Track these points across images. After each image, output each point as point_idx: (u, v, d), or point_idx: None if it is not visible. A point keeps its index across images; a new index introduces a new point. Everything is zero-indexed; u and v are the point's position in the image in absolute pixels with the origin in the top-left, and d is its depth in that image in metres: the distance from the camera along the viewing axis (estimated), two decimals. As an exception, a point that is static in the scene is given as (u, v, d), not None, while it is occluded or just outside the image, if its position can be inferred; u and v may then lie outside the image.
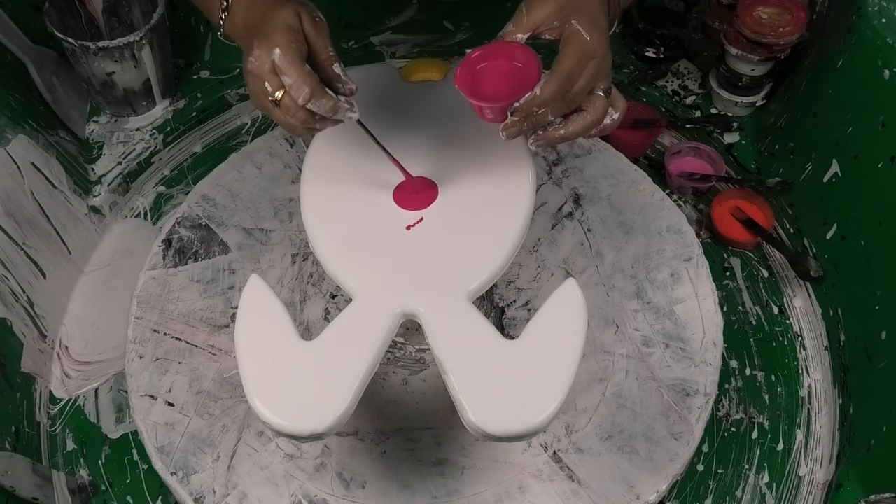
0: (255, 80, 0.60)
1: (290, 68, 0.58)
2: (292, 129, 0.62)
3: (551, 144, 0.65)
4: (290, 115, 0.60)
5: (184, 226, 0.91)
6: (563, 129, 0.64)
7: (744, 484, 0.85)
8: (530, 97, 0.60)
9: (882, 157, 0.85)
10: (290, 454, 0.77)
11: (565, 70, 0.60)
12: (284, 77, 0.59)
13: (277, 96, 0.59)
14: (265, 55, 0.59)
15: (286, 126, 0.62)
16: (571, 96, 0.61)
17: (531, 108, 0.61)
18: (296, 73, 0.58)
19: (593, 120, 0.63)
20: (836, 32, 0.94)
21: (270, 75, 0.59)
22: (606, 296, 0.86)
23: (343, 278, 0.67)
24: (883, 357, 0.84)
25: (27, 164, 0.93)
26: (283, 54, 0.58)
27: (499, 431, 0.59)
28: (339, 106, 0.61)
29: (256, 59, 0.59)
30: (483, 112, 0.64)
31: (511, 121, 0.62)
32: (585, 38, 0.60)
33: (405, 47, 1.20)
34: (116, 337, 0.91)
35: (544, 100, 0.60)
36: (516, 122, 0.62)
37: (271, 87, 0.59)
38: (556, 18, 0.61)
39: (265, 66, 0.59)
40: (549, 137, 0.64)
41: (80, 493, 0.84)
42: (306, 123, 0.61)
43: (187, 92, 1.14)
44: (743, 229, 1.00)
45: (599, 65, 0.61)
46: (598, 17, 0.62)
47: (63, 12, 1.03)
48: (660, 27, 1.16)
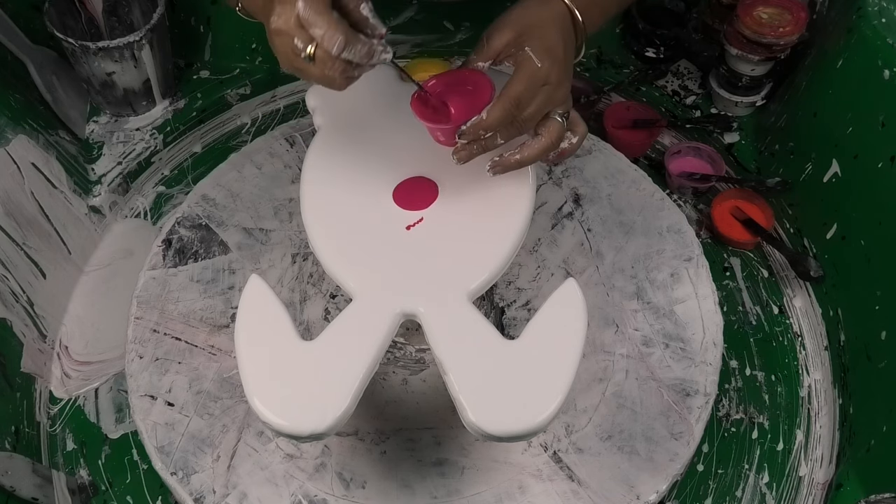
0: (283, 38, 0.57)
1: (317, 18, 0.54)
2: (331, 83, 0.58)
3: (508, 170, 0.66)
4: (327, 68, 0.56)
5: (184, 226, 0.91)
6: (518, 154, 0.65)
7: (744, 484, 0.85)
8: (476, 120, 0.61)
9: (882, 157, 0.85)
10: (290, 454, 0.77)
11: (513, 95, 0.61)
12: (314, 28, 0.55)
13: (310, 51, 0.56)
14: (289, 10, 0.55)
15: (323, 80, 0.58)
16: (521, 121, 0.62)
17: (478, 132, 0.62)
18: (325, 23, 0.54)
19: (547, 144, 0.64)
20: (836, 32, 0.94)
21: (299, 30, 0.55)
22: (606, 296, 0.86)
23: (343, 278, 0.67)
24: (883, 357, 0.84)
25: (27, 164, 0.93)
26: (307, 4, 0.54)
27: (499, 431, 0.59)
28: (374, 49, 0.57)
29: (280, 16, 0.56)
30: (435, 134, 0.65)
31: (460, 144, 0.63)
32: (537, 65, 0.61)
33: (405, 47, 1.20)
34: (116, 337, 0.91)
35: (490, 123, 0.61)
36: (465, 145, 0.63)
37: (301, 43, 0.56)
38: (513, 46, 0.63)
39: (291, 22, 0.55)
40: (504, 163, 0.65)
41: (80, 493, 0.84)
42: (345, 73, 0.57)
43: (187, 92, 1.14)
44: (743, 229, 1.00)
45: (553, 91, 0.62)
46: (554, 45, 0.62)
47: (63, 12, 1.03)
48: (660, 27, 1.16)
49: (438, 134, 0.65)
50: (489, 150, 0.64)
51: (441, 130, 0.64)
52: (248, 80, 1.16)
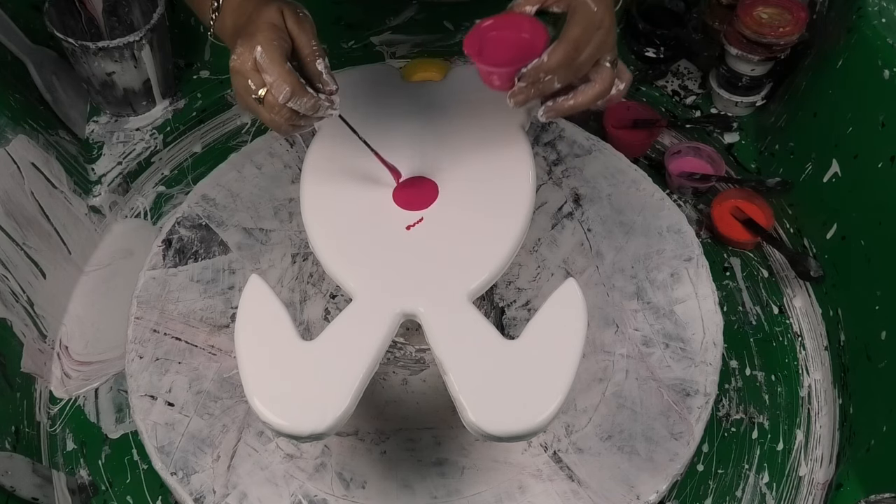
0: (239, 77, 0.60)
1: (270, 66, 0.59)
2: (277, 127, 0.62)
3: (561, 115, 0.66)
4: (274, 112, 0.60)
5: (184, 226, 0.91)
6: (571, 99, 0.65)
7: (744, 484, 0.85)
8: (538, 63, 0.61)
9: (882, 157, 0.85)
10: (290, 454, 0.77)
11: (573, 38, 0.61)
12: (266, 75, 0.59)
13: (261, 94, 0.60)
14: (248, 53, 0.59)
15: (270, 124, 0.62)
16: (578, 65, 0.62)
17: (538, 75, 0.62)
18: (276, 72, 0.58)
19: (601, 90, 0.64)
20: (836, 32, 0.94)
21: (253, 73, 0.59)
22: (606, 296, 0.86)
23: (343, 278, 0.67)
24: (883, 357, 0.84)
25: (27, 164, 0.93)
26: (264, 52, 0.58)
27: (499, 431, 0.59)
28: (319, 104, 0.61)
29: (239, 57, 0.59)
30: (490, 78, 0.64)
31: (518, 87, 0.63)
32: (592, 9, 0.61)
33: (405, 47, 1.20)
34: (116, 337, 0.91)
35: (551, 66, 0.61)
36: (523, 88, 0.63)
37: (254, 85, 0.60)
38: None
39: (248, 64, 0.59)
40: (558, 108, 0.65)
41: (80, 493, 0.84)
42: (290, 121, 0.61)
43: (187, 92, 1.14)
44: (743, 229, 1.00)
45: (605, 36, 0.62)
46: None
47: (63, 12, 1.03)
48: (660, 27, 1.16)
49: (494, 78, 0.64)
50: (545, 94, 0.64)
51: (498, 74, 0.64)
52: (248, 80, 1.16)
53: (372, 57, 1.18)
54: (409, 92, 0.81)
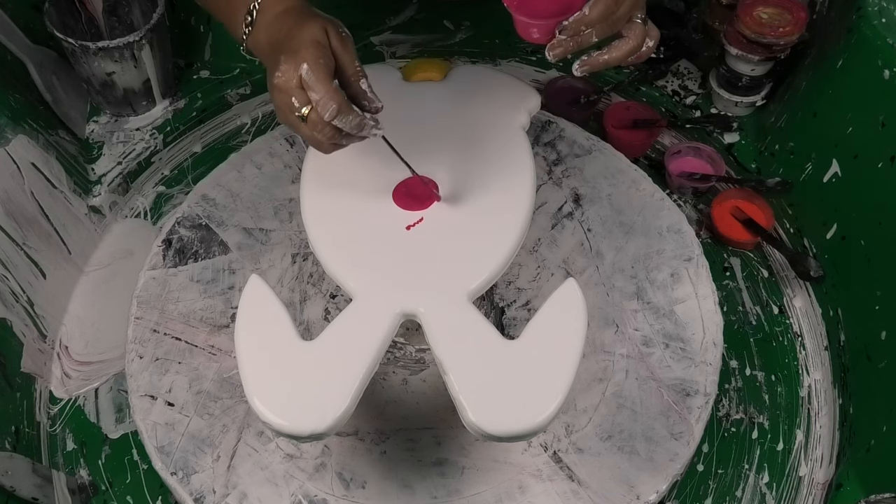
0: (282, 95, 0.60)
1: (317, 84, 0.58)
2: (318, 145, 0.62)
3: (595, 70, 0.67)
4: (317, 131, 0.60)
5: (184, 226, 0.91)
6: (606, 54, 0.66)
7: (744, 484, 0.85)
8: (579, 16, 0.63)
9: (882, 157, 0.85)
10: (290, 454, 0.77)
11: None
12: (311, 93, 0.59)
13: (304, 112, 0.59)
14: (293, 70, 0.59)
15: (312, 141, 0.62)
16: (616, 19, 0.64)
17: (579, 28, 0.63)
18: (323, 89, 0.58)
19: (634, 46, 0.66)
20: (836, 32, 0.94)
21: (298, 91, 0.59)
22: (606, 296, 0.86)
23: (343, 278, 0.67)
24: (883, 357, 0.84)
25: (27, 164, 0.93)
26: (310, 70, 0.58)
27: (499, 431, 0.59)
28: (364, 123, 0.61)
29: (284, 74, 0.59)
30: (529, 30, 0.65)
31: (558, 40, 0.64)
32: None
33: (405, 47, 1.20)
34: (116, 337, 0.91)
35: (592, 19, 0.63)
36: (563, 41, 0.64)
37: (298, 103, 0.59)
38: None
39: (292, 82, 0.59)
40: (593, 62, 0.66)
41: (80, 493, 0.84)
42: (332, 139, 0.61)
43: (187, 92, 1.14)
44: (743, 229, 1.00)
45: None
46: None
47: (63, 12, 1.03)
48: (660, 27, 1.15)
49: (534, 30, 0.65)
50: (583, 47, 0.65)
51: (538, 26, 0.64)
52: (248, 80, 1.16)
53: (372, 57, 1.18)
54: (409, 92, 0.81)
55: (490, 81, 0.84)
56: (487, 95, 0.81)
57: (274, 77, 0.60)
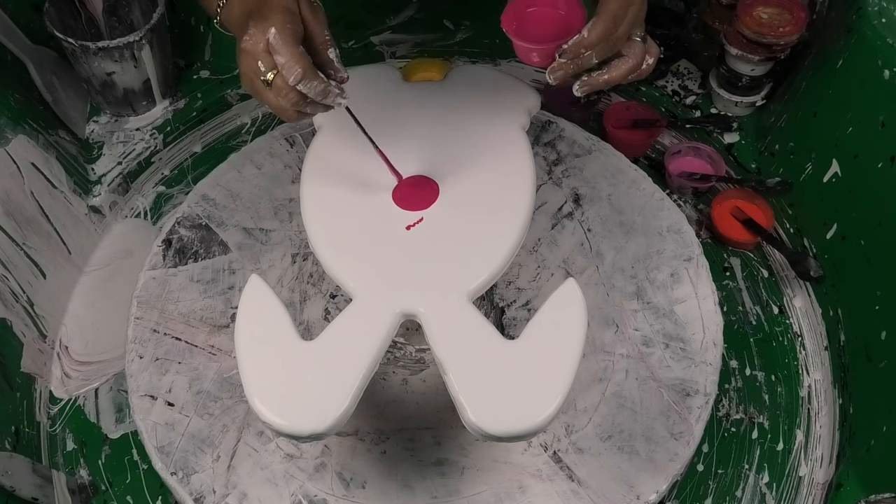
0: (248, 58, 0.60)
1: (283, 48, 0.58)
2: (282, 112, 0.62)
3: (595, 89, 0.67)
4: (282, 96, 0.60)
5: (184, 226, 0.91)
6: (606, 74, 0.66)
7: (744, 484, 0.85)
8: (579, 39, 0.63)
9: (882, 157, 0.85)
10: (290, 454, 0.77)
11: (611, 13, 0.62)
12: (277, 56, 0.59)
13: (269, 77, 0.60)
14: (260, 34, 0.59)
15: (276, 108, 0.62)
16: (615, 39, 0.63)
17: (579, 50, 0.63)
18: (289, 53, 0.58)
19: (634, 64, 0.66)
20: (836, 32, 0.94)
21: (264, 54, 0.59)
22: (606, 296, 0.86)
23: (343, 278, 0.67)
24: (883, 357, 0.84)
25: (27, 164, 0.93)
26: (277, 33, 0.58)
27: (499, 431, 0.59)
28: (329, 90, 0.61)
29: (251, 38, 0.59)
30: (529, 55, 0.66)
31: (558, 63, 0.64)
32: None
33: (405, 47, 1.20)
34: (116, 337, 0.91)
35: (592, 41, 0.62)
36: (563, 64, 0.64)
37: (264, 67, 0.59)
38: None
39: (259, 45, 0.59)
40: (593, 83, 0.66)
41: (80, 493, 0.84)
42: (297, 105, 0.61)
43: (187, 92, 1.14)
44: (743, 229, 1.00)
45: (639, 10, 0.64)
46: None
47: (63, 12, 1.03)
48: (660, 27, 1.16)
49: (534, 55, 0.65)
50: (583, 69, 0.65)
51: (538, 51, 0.65)
52: (248, 80, 1.16)
53: (372, 57, 1.18)
54: (409, 92, 0.81)
55: (490, 81, 0.84)
56: (487, 95, 0.81)
57: (241, 41, 0.60)
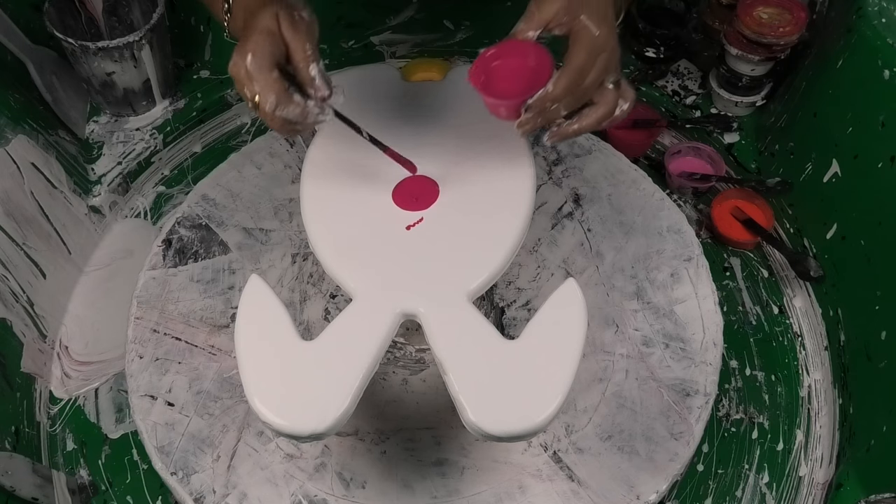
0: (237, 84, 0.60)
1: (258, 74, 0.58)
2: (277, 130, 0.62)
3: (566, 139, 0.66)
4: (267, 119, 0.60)
5: (184, 226, 0.91)
6: (576, 123, 0.65)
7: (744, 484, 0.85)
8: (543, 93, 0.62)
9: (882, 157, 0.85)
10: (290, 454, 0.77)
11: (577, 65, 0.61)
12: (254, 84, 0.59)
13: (257, 100, 0.59)
14: (241, 60, 0.59)
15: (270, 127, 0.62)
16: (583, 91, 0.62)
17: (544, 104, 0.62)
18: (262, 80, 0.58)
19: (605, 113, 0.65)
20: (836, 32, 0.94)
21: (247, 80, 0.59)
22: (606, 296, 0.86)
23: (343, 278, 0.67)
24: (883, 357, 0.84)
25: (27, 164, 0.93)
26: (253, 60, 0.58)
27: (499, 431, 0.58)
28: (307, 112, 0.60)
29: (235, 65, 0.59)
30: (497, 109, 0.65)
31: (525, 117, 0.63)
32: (594, 33, 0.61)
33: (405, 47, 1.20)
34: (116, 337, 0.91)
35: (557, 95, 0.62)
36: (530, 118, 0.63)
37: (248, 92, 0.59)
38: (566, 14, 0.62)
39: (241, 72, 0.59)
40: (563, 133, 0.66)
41: (80, 493, 0.84)
42: (284, 127, 0.61)
43: (187, 92, 1.14)
44: (743, 229, 1.00)
45: (609, 58, 0.62)
46: (606, 11, 0.63)
47: (63, 12, 1.03)
48: (660, 27, 1.16)
49: (501, 109, 0.65)
50: (551, 122, 0.65)
51: (505, 105, 0.64)
52: (248, 80, 1.16)
53: (372, 57, 1.18)
54: (409, 92, 0.81)
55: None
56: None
57: (229, 67, 0.60)
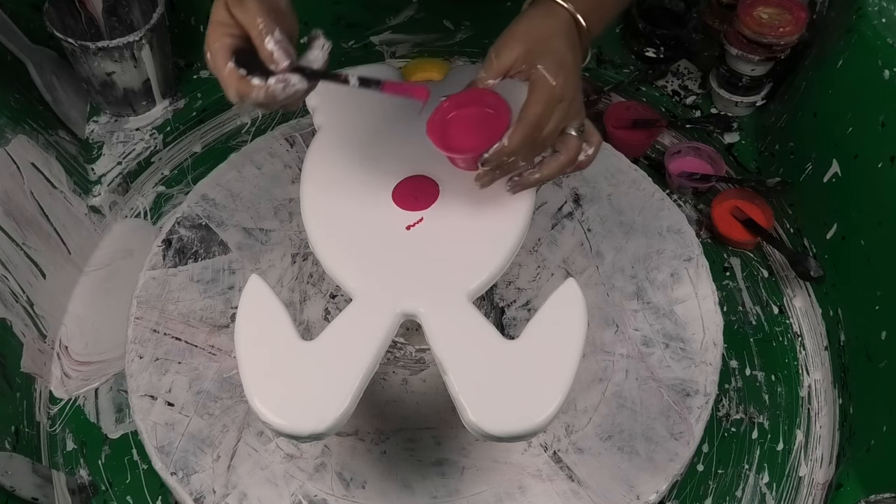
0: None
1: (217, 71, 0.58)
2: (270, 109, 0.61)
3: (527, 188, 0.66)
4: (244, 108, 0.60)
5: (184, 226, 0.91)
6: (537, 172, 0.65)
7: (744, 484, 0.85)
8: (499, 147, 0.61)
9: (882, 157, 0.85)
10: (290, 454, 0.77)
11: (532, 117, 0.60)
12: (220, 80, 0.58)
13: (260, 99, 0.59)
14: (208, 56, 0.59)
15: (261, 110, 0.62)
16: (541, 141, 0.62)
17: (500, 158, 0.62)
18: (220, 76, 0.58)
19: (566, 160, 0.64)
20: (836, 32, 0.94)
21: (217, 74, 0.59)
22: (606, 296, 0.86)
23: (343, 278, 0.67)
24: (883, 357, 0.84)
25: (27, 164, 0.93)
26: (210, 57, 0.58)
27: (499, 431, 0.58)
28: (272, 91, 0.58)
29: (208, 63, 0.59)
30: (455, 162, 0.66)
31: (482, 171, 0.63)
32: (551, 83, 0.60)
33: (405, 47, 1.20)
34: (116, 337, 0.91)
35: (513, 149, 0.61)
36: (487, 171, 0.63)
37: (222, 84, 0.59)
38: (524, 62, 0.61)
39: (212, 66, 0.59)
40: (524, 182, 0.65)
41: (80, 493, 0.84)
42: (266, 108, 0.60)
43: (187, 92, 1.14)
44: (743, 229, 1.00)
45: (568, 107, 0.61)
46: (564, 58, 0.61)
47: (63, 12, 1.03)
48: (660, 27, 1.16)
49: (459, 162, 0.66)
50: (510, 173, 0.65)
51: (462, 159, 0.65)
52: (248, 79, 1.16)
53: (372, 57, 1.18)
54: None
55: None
56: (487, 95, 0.81)
57: None
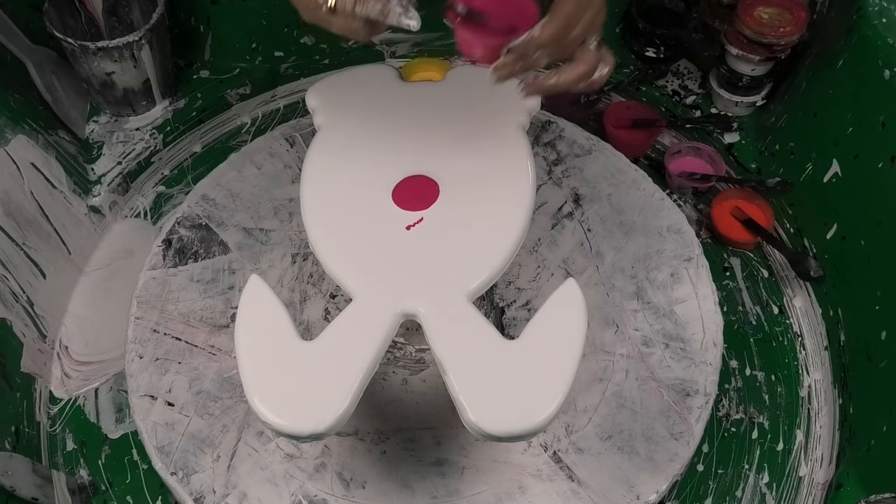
0: None
1: None
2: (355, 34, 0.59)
3: (540, 93, 0.64)
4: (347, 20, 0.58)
5: (184, 226, 0.91)
6: (554, 77, 0.63)
7: (744, 484, 0.85)
8: (528, 37, 0.59)
9: (882, 157, 0.85)
10: (290, 454, 0.77)
11: (565, 13, 0.59)
12: None
13: (331, 3, 0.57)
14: None
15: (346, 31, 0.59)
16: (567, 42, 0.60)
17: (528, 49, 0.60)
18: None
19: (584, 71, 0.62)
20: (836, 32, 0.94)
21: None
22: (606, 296, 0.86)
23: (343, 278, 0.67)
24: (883, 357, 0.84)
25: (27, 164, 0.93)
26: None
27: (499, 431, 0.59)
28: (389, 8, 0.58)
29: None
30: (472, 48, 0.61)
31: (503, 61, 0.60)
32: None
33: (405, 47, 1.19)
34: (116, 337, 0.91)
35: (542, 41, 0.59)
36: (509, 62, 0.60)
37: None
38: None
39: None
40: (539, 85, 0.63)
41: (80, 493, 0.84)
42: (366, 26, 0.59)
43: (187, 92, 1.14)
44: (743, 229, 1.00)
45: (595, 15, 0.60)
46: None
47: (63, 12, 1.03)
48: (660, 27, 1.16)
49: (478, 48, 0.61)
50: (530, 70, 0.62)
51: (483, 45, 0.61)
52: (248, 79, 1.16)
53: (372, 57, 1.18)
54: (409, 92, 0.81)
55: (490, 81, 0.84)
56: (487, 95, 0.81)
57: None
